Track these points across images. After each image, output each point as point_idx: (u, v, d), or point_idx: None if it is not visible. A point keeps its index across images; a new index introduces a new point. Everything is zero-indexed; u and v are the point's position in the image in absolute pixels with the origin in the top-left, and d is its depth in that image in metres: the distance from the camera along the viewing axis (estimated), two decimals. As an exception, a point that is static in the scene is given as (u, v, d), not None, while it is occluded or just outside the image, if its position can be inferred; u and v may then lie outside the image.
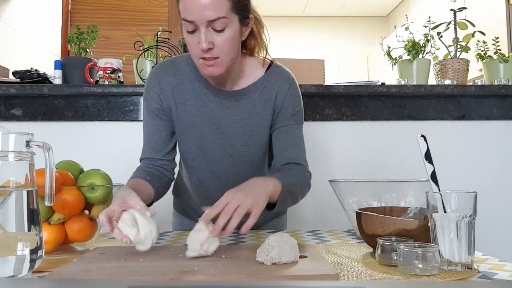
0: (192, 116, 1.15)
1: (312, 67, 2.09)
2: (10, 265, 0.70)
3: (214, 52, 1.01)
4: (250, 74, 1.16)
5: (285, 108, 1.16)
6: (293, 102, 1.17)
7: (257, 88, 1.15)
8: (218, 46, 1.00)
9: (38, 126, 1.82)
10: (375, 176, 1.24)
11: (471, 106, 1.93)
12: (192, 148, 1.18)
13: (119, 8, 3.39)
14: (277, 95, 1.15)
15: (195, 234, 0.83)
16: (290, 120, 1.17)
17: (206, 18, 0.97)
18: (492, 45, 2.02)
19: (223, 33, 1.00)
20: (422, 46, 2.01)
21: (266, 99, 1.15)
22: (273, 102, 1.16)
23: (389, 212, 0.98)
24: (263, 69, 1.17)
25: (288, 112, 1.16)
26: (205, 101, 1.15)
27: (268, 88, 1.16)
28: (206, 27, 0.98)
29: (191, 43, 1.02)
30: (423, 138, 0.86)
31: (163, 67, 1.18)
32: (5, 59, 2.58)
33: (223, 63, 1.03)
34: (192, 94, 1.15)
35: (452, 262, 0.76)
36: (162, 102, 1.15)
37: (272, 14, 6.00)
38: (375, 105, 1.91)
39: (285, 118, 1.16)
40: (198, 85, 1.15)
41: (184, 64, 1.17)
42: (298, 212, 1.84)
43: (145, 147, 1.19)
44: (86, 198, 0.94)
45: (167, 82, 1.15)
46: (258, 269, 0.74)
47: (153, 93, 1.16)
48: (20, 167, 0.74)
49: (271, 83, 1.16)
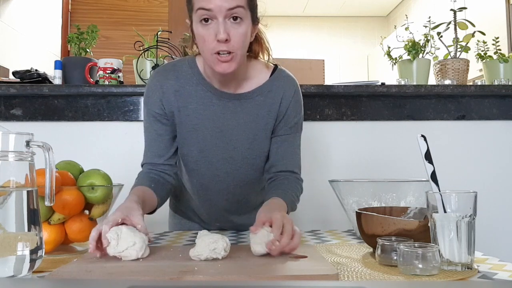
0: (194, 119, 1.14)
1: (312, 67, 2.09)
2: (10, 265, 0.70)
3: (230, 45, 1.00)
4: (254, 77, 1.15)
5: (288, 115, 1.16)
6: (296, 110, 1.17)
7: (262, 92, 1.15)
8: (234, 39, 1.00)
9: (38, 126, 1.82)
10: (375, 176, 1.24)
11: (471, 106, 1.93)
12: (194, 151, 1.16)
13: (119, 8, 3.39)
14: (282, 100, 1.15)
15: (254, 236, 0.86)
16: (292, 129, 1.17)
17: (226, 6, 0.97)
18: (492, 45, 2.02)
19: (239, 26, 1.00)
20: (422, 46, 2.01)
21: (270, 104, 1.15)
22: (278, 107, 1.15)
23: (389, 212, 0.98)
24: (268, 73, 1.16)
25: (290, 121, 1.16)
26: (208, 104, 1.13)
27: (272, 93, 1.15)
28: (224, 18, 0.98)
29: (205, 36, 1.00)
30: (423, 138, 0.86)
31: (165, 71, 1.16)
32: (5, 59, 2.58)
33: (236, 58, 1.02)
34: (195, 98, 1.13)
35: (452, 262, 0.76)
36: (164, 107, 1.13)
37: (272, 14, 5.99)
38: (375, 105, 1.91)
39: (287, 126, 1.16)
40: (201, 88, 1.13)
41: (187, 67, 1.15)
42: (298, 212, 1.84)
43: (147, 153, 1.17)
44: (86, 198, 0.94)
45: (170, 86, 1.13)
46: (258, 269, 0.74)
47: (155, 98, 1.13)
48: (20, 167, 0.74)
49: (276, 87, 1.15)
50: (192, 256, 0.81)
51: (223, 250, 0.81)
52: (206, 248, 0.80)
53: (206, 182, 1.20)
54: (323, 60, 2.15)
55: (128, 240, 0.81)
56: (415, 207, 0.99)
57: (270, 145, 1.18)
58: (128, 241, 0.81)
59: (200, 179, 1.20)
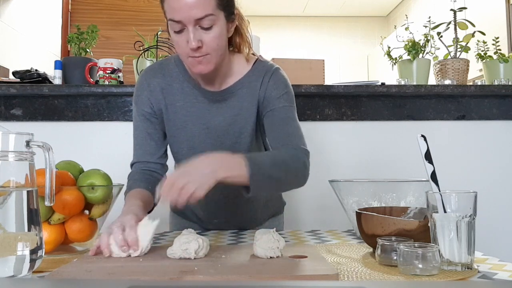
0: (182, 117, 1.15)
1: (312, 67, 2.09)
2: (10, 265, 0.70)
3: (203, 50, 1.01)
4: (237, 72, 1.16)
5: (269, 94, 1.13)
6: (276, 87, 1.14)
7: (243, 84, 1.15)
8: (206, 44, 1.01)
9: (38, 126, 1.82)
10: (375, 176, 1.24)
11: (471, 106, 1.93)
12: (184, 149, 1.18)
13: (119, 8, 3.39)
14: (261, 86, 1.14)
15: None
16: (275, 103, 1.12)
17: (194, 17, 0.97)
18: (492, 45, 2.02)
19: (210, 31, 1.00)
20: (422, 46, 2.01)
21: (252, 93, 1.15)
22: (257, 94, 1.14)
23: (389, 212, 0.98)
24: (250, 65, 1.17)
25: (272, 96, 1.13)
26: (194, 101, 1.15)
27: (253, 83, 1.15)
28: (194, 26, 0.99)
29: (179, 43, 1.02)
30: (423, 138, 0.86)
31: (151, 70, 1.18)
32: (5, 59, 2.58)
33: (212, 59, 1.03)
34: (182, 95, 1.15)
35: (452, 262, 0.76)
36: (153, 105, 1.15)
37: (272, 14, 6.00)
38: (375, 105, 1.91)
39: (270, 102, 1.13)
40: (187, 85, 1.15)
41: (173, 65, 1.17)
42: (297, 212, 1.85)
43: (138, 151, 1.17)
44: (86, 198, 0.94)
45: (157, 84, 1.15)
46: (258, 269, 0.74)
47: (143, 96, 1.16)
48: (20, 167, 0.74)
49: (255, 77, 1.15)
50: (168, 255, 0.83)
51: (193, 251, 0.81)
52: (179, 248, 0.82)
53: None
54: (323, 60, 2.15)
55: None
56: (415, 207, 0.99)
57: (264, 128, 1.15)
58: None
59: None
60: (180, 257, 0.81)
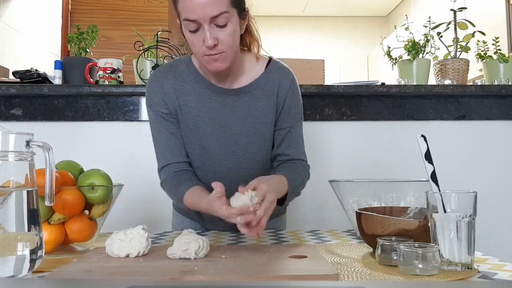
0: (195, 117, 1.15)
1: (312, 67, 2.09)
2: (10, 265, 0.70)
3: (219, 48, 1.02)
4: (250, 71, 1.17)
5: (287, 106, 1.17)
6: (294, 100, 1.19)
7: (258, 85, 1.17)
8: (222, 41, 1.02)
9: (38, 126, 1.82)
10: (375, 176, 1.24)
11: (471, 106, 1.93)
12: (196, 149, 1.17)
13: (119, 8, 3.39)
14: (279, 91, 1.17)
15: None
16: (292, 120, 1.19)
17: (209, 15, 0.98)
18: (492, 45, 2.02)
19: (225, 28, 1.01)
20: (422, 46, 2.01)
21: (268, 96, 1.17)
22: (275, 98, 1.17)
23: (389, 212, 0.98)
24: (263, 65, 1.18)
25: (289, 112, 1.18)
26: (207, 101, 1.15)
27: (269, 85, 1.17)
28: (209, 24, 1.00)
29: (194, 42, 1.03)
30: (423, 138, 0.86)
31: (162, 71, 1.18)
32: (5, 59, 2.58)
33: (227, 56, 1.05)
34: (194, 95, 1.15)
35: (452, 262, 0.76)
36: (168, 106, 1.15)
37: (272, 14, 6.00)
38: (375, 105, 1.90)
39: (287, 118, 1.18)
40: (199, 85, 1.16)
41: (183, 66, 1.18)
42: (298, 212, 1.84)
43: (164, 154, 1.16)
44: (86, 198, 0.94)
45: (169, 85, 1.16)
46: (258, 269, 0.74)
47: (158, 98, 1.15)
48: (20, 167, 0.74)
49: (271, 79, 1.17)
50: (168, 255, 0.83)
51: (193, 252, 0.81)
52: (179, 248, 0.82)
53: (208, 179, 1.20)
54: (323, 60, 2.15)
55: (138, 242, 0.85)
56: (415, 207, 0.99)
57: (274, 137, 1.19)
58: (138, 242, 0.85)
59: (203, 176, 1.20)
60: (180, 257, 0.81)
